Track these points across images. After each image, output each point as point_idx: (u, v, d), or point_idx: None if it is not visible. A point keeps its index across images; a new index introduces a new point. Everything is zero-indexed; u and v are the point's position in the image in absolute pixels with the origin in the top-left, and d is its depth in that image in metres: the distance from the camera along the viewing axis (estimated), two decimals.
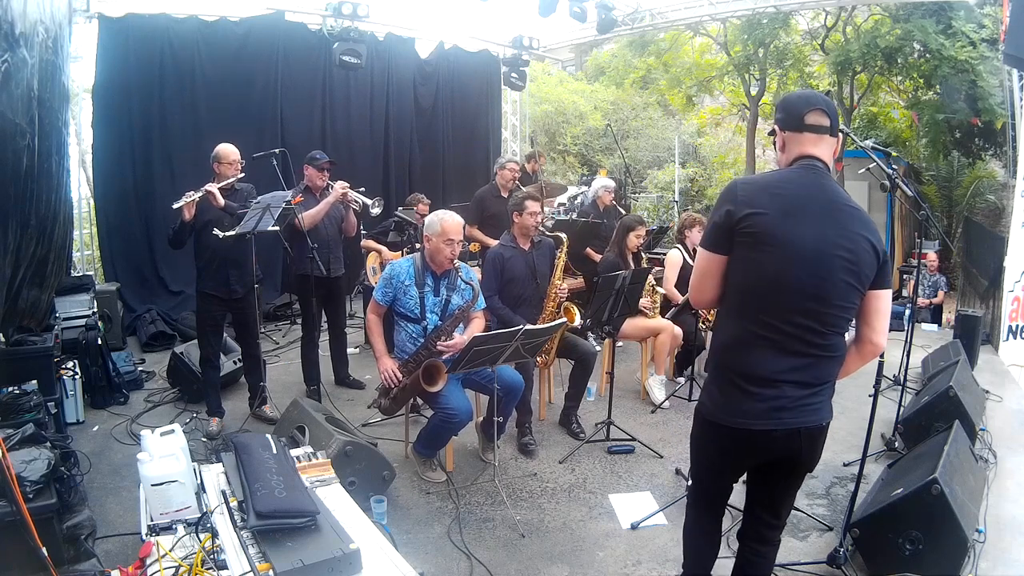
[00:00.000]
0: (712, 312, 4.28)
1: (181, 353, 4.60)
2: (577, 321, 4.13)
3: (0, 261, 3.53)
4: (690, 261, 4.74)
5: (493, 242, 4.63)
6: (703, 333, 4.75)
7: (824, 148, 1.89)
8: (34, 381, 3.21)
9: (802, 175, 1.86)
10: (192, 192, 3.72)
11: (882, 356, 2.90)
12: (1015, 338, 5.46)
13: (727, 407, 1.90)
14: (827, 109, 1.89)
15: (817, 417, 1.88)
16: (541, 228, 4.10)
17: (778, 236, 1.79)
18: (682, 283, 4.77)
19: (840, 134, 2.01)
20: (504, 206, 4.66)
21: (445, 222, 3.36)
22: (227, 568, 1.67)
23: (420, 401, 3.67)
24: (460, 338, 3.38)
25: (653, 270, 4.78)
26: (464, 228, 3.55)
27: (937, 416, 3.61)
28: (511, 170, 5.49)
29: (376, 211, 4.71)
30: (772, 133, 2.02)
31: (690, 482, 2.24)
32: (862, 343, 1.94)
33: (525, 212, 3.94)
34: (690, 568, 2.22)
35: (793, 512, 3.17)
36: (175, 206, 3.68)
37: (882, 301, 1.89)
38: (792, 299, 1.80)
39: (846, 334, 1.91)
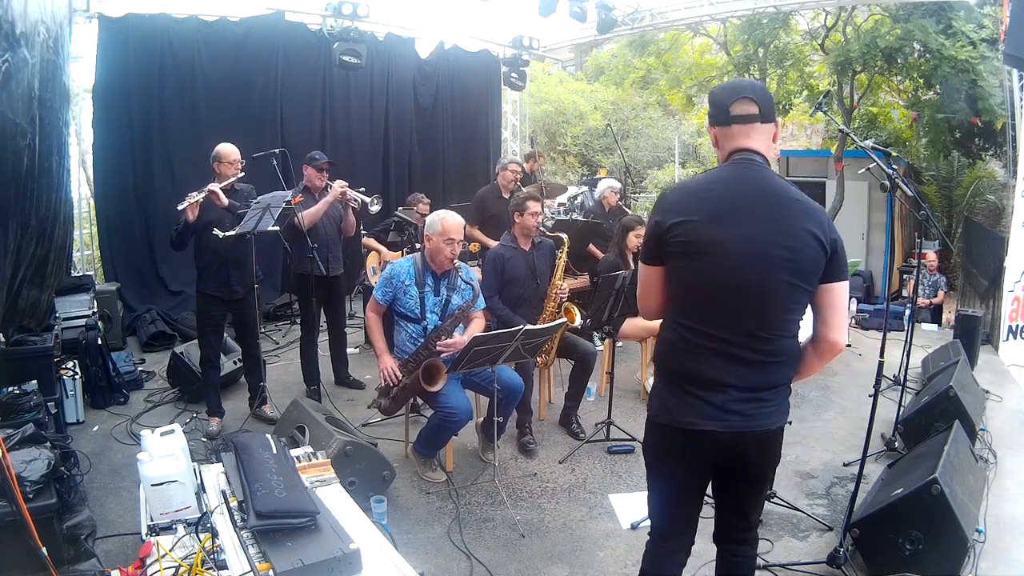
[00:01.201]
0: None
1: (181, 353, 4.60)
2: (577, 321, 4.13)
3: (1, 261, 3.53)
4: None
5: (493, 243, 4.64)
6: None
7: (758, 138, 1.79)
8: (34, 381, 3.21)
9: (733, 172, 1.78)
10: (195, 193, 3.71)
11: (882, 356, 2.93)
12: (1015, 338, 5.46)
13: (674, 408, 1.83)
14: (755, 96, 1.79)
15: (767, 422, 1.80)
16: (542, 228, 4.11)
17: (708, 242, 1.72)
18: None
19: (840, 132, 1.97)
20: (505, 207, 4.66)
21: (446, 222, 3.36)
22: (227, 568, 1.67)
23: (420, 401, 3.67)
24: (460, 338, 3.39)
25: None
26: (464, 228, 3.55)
27: (937, 416, 3.61)
28: (513, 171, 5.49)
29: (375, 209, 4.72)
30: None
31: (647, 513, 2.06)
32: (818, 341, 1.83)
33: (526, 212, 3.94)
34: None
35: (793, 512, 3.17)
36: (180, 207, 3.68)
37: (836, 295, 1.78)
38: (729, 305, 1.74)
39: (798, 335, 1.83)
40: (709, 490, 2.01)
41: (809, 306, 1.82)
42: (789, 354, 1.81)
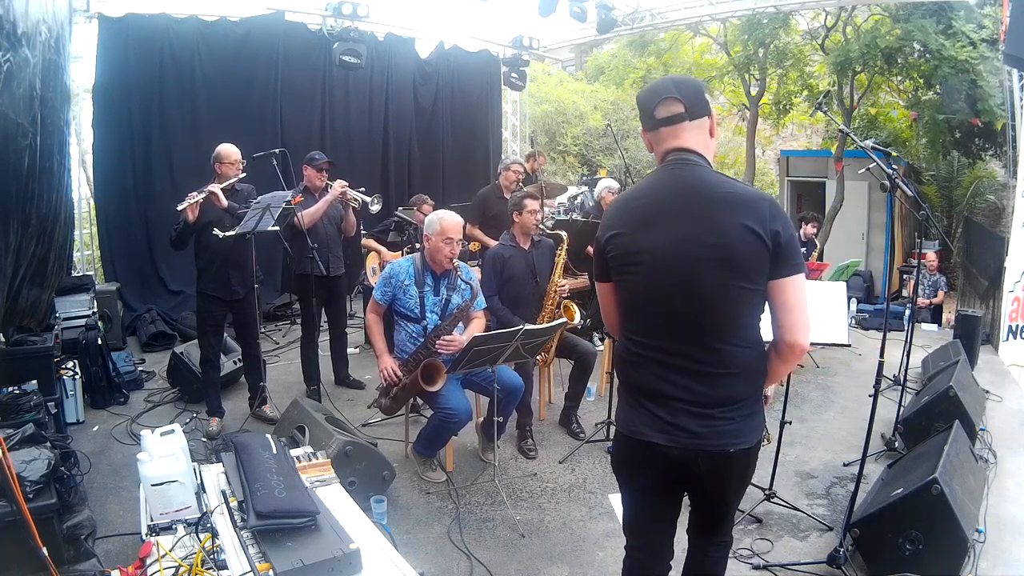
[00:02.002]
0: None
1: (181, 353, 4.60)
2: (577, 319, 4.13)
3: (2, 260, 3.53)
4: None
5: (493, 242, 4.64)
6: None
7: (690, 135, 1.71)
8: (34, 381, 3.21)
9: (662, 177, 1.73)
10: (195, 193, 3.71)
11: (882, 356, 2.93)
12: (1015, 338, 5.46)
13: (630, 418, 1.78)
14: (679, 94, 1.70)
15: (720, 442, 1.66)
16: (541, 227, 4.11)
17: (635, 252, 1.69)
18: None
19: (840, 132, 1.95)
20: (506, 207, 4.66)
21: (444, 221, 3.36)
22: (227, 568, 1.66)
23: (420, 401, 3.67)
24: (459, 337, 3.38)
25: None
26: (465, 227, 3.55)
27: (937, 416, 3.61)
28: (515, 171, 5.49)
29: (375, 208, 4.72)
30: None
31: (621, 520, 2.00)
32: (777, 344, 1.70)
33: (525, 211, 3.95)
34: None
35: (793, 512, 3.18)
36: (179, 207, 3.68)
37: (786, 293, 1.63)
38: (664, 315, 1.67)
39: (758, 344, 1.71)
40: None
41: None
42: (744, 366, 1.67)
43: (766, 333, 1.74)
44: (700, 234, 1.62)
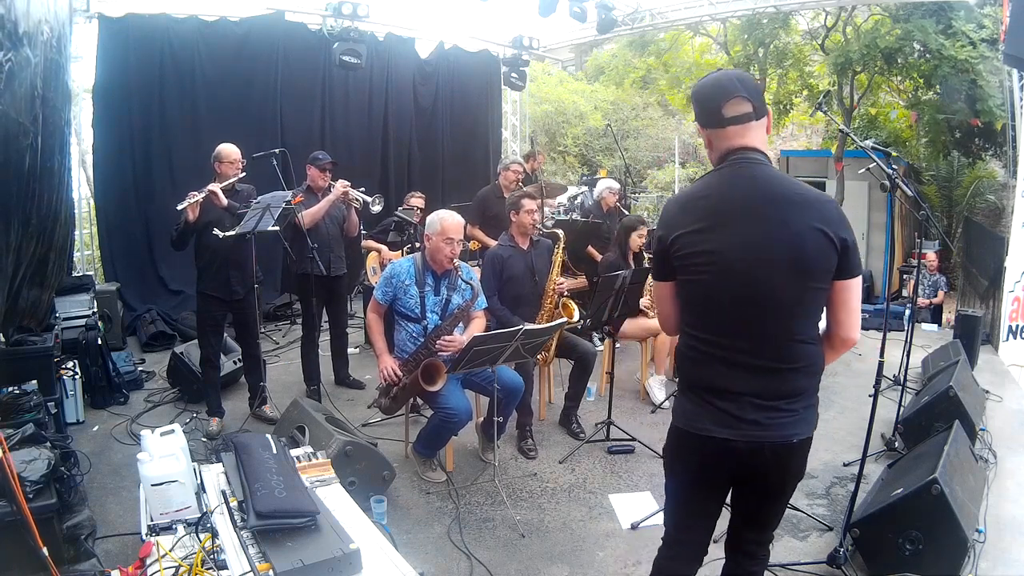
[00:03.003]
0: None
1: (181, 353, 4.60)
2: (576, 318, 4.13)
3: (2, 259, 3.53)
4: None
5: (493, 242, 4.64)
6: None
7: (754, 135, 1.72)
8: (34, 381, 3.21)
9: (729, 176, 1.72)
10: (195, 193, 3.72)
11: (882, 356, 2.93)
12: (1015, 338, 5.46)
13: (692, 414, 1.79)
14: (746, 92, 1.71)
15: (785, 433, 1.71)
16: (539, 227, 4.11)
17: (706, 252, 1.68)
18: None
19: (840, 132, 1.96)
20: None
21: (445, 221, 3.36)
22: (227, 568, 1.67)
23: (420, 401, 3.67)
24: (459, 336, 3.38)
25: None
26: (466, 227, 3.55)
27: (937, 416, 3.61)
28: (515, 171, 5.50)
29: (377, 208, 4.73)
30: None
31: (663, 514, 2.03)
32: (831, 338, 1.77)
33: (522, 211, 3.95)
34: None
35: (793, 512, 3.17)
36: (179, 207, 3.68)
37: (848, 292, 1.70)
38: (736, 314, 1.68)
39: (817, 340, 1.75)
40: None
41: None
42: (807, 360, 1.72)
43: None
44: (773, 234, 1.64)
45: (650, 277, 1.95)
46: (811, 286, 1.66)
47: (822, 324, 1.80)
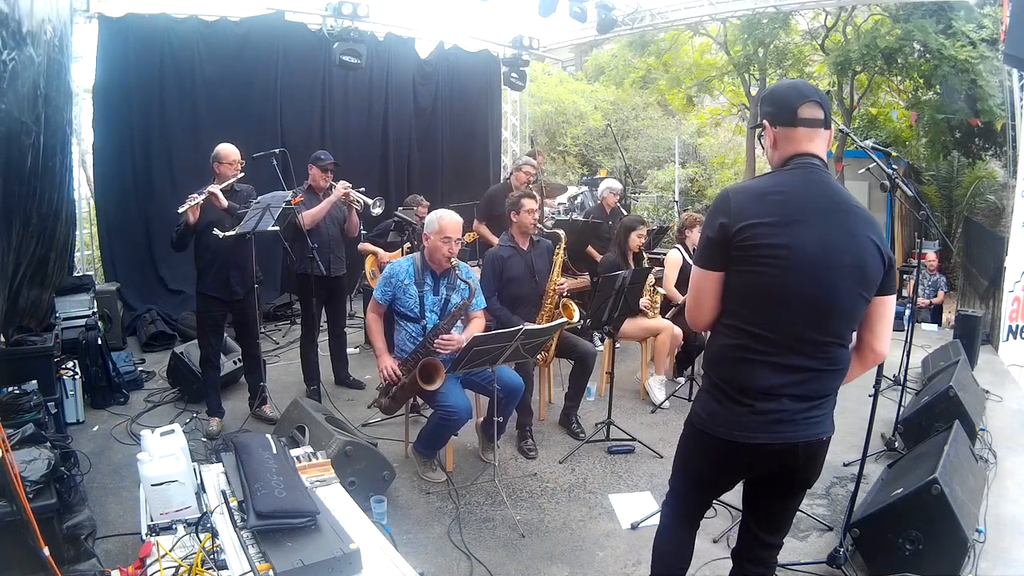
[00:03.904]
0: None
1: (181, 353, 4.60)
2: (576, 318, 4.13)
3: (3, 259, 3.53)
4: (690, 261, 4.74)
5: (497, 240, 4.64)
6: (703, 333, 4.75)
7: (819, 143, 1.76)
8: (34, 381, 3.21)
9: (801, 176, 1.73)
10: (195, 195, 3.71)
11: None
12: (1015, 338, 5.46)
13: (722, 418, 1.78)
14: (820, 101, 1.76)
15: (818, 431, 1.77)
16: (540, 227, 4.11)
17: (779, 246, 1.67)
18: (682, 283, 4.77)
19: (840, 132, 1.97)
20: None
21: (443, 220, 3.36)
22: (227, 568, 1.67)
23: (420, 401, 3.67)
24: (457, 336, 3.38)
25: (653, 270, 4.78)
26: (473, 223, 3.54)
27: (937, 416, 3.61)
28: (527, 172, 5.51)
29: (377, 211, 4.73)
30: (757, 127, 1.87)
31: (668, 494, 2.08)
32: (864, 350, 1.83)
33: (522, 211, 3.95)
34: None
35: None
36: (179, 210, 3.67)
37: (887, 307, 1.79)
38: (796, 311, 1.69)
39: (847, 344, 1.81)
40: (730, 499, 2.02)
41: None
42: (844, 363, 1.79)
43: None
44: (843, 240, 1.69)
45: (695, 266, 1.88)
46: (863, 295, 1.73)
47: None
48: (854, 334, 1.83)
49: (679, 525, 2.07)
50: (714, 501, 2.07)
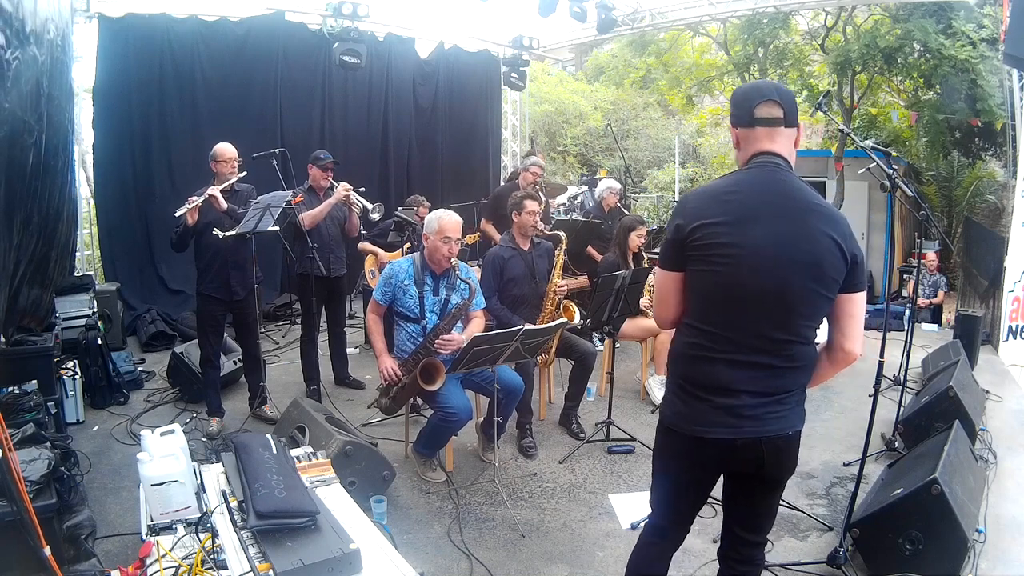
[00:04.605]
0: None
1: (181, 353, 4.60)
2: (577, 319, 4.13)
3: (4, 258, 3.52)
4: None
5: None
6: None
7: (782, 142, 1.77)
8: (34, 381, 3.21)
9: (757, 175, 1.76)
10: (194, 197, 3.72)
11: (882, 356, 2.93)
12: (1015, 338, 5.46)
13: (686, 415, 1.81)
14: (780, 99, 1.76)
15: (781, 426, 1.77)
16: (541, 229, 4.11)
17: (731, 245, 1.70)
18: None
19: (840, 132, 1.96)
20: None
21: (442, 220, 3.36)
22: (227, 568, 1.67)
23: (420, 401, 3.67)
24: (458, 336, 3.38)
25: (653, 270, 4.78)
26: (480, 221, 3.53)
27: (937, 416, 3.61)
28: (534, 173, 5.52)
29: (376, 216, 4.75)
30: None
31: (650, 508, 2.05)
32: (834, 350, 1.82)
33: (524, 212, 3.95)
34: None
35: (793, 512, 3.17)
36: (178, 213, 3.67)
37: (855, 305, 1.77)
38: (750, 309, 1.71)
39: (815, 342, 1.80)
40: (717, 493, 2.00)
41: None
42: (806, 360, 1.79)
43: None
44: (797, 238, 1.69)
45: (657, 267, 1.91)
46: (821, 293, 1.72)
47: (823, 336, 1.84)
48: (823, 332, 1.82)
49: (654, 543, 2.02)
50: (714, 501, 2.04)
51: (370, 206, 4.60)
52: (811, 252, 1.69)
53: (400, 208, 5.56)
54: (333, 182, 4.40)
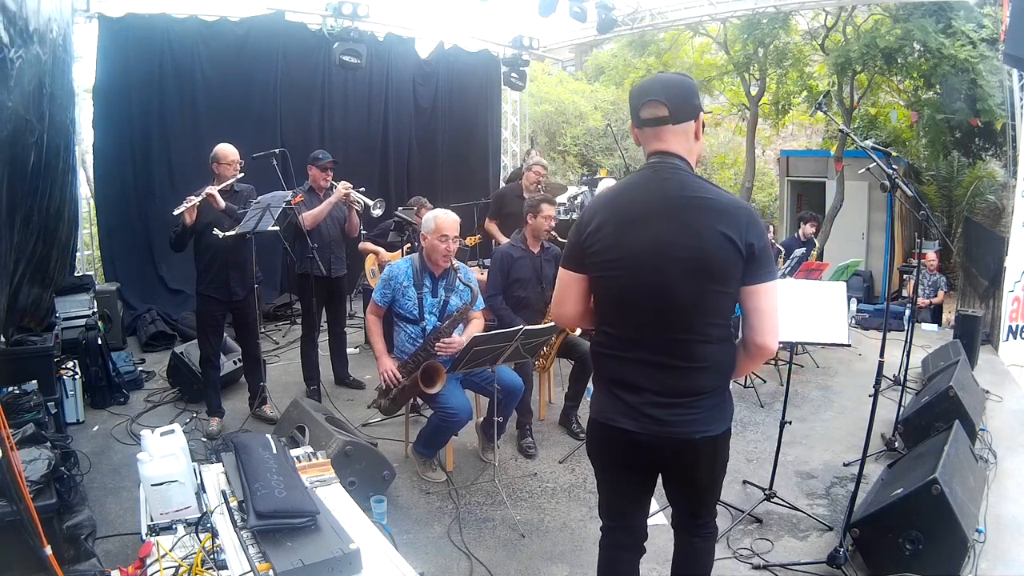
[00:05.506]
0: None
1: (181, 353, 4.60)
2: None
3: (5, 257, 3.52)
4: None
5: (506, 239, 4.64)
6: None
7: (673, 139, 1.74)
8: (34, 381, 3.21)
9: (642, 177, 1.77)
10: (193, 196, 3.71)
11: (882, 356, 2.93)
12: (1015, 338, 5.46)
13: (601, 406, 1.87)
14: (664, 98, 1.72)
15: (687, 430, 1.74)
16: (555, 234, 4.11)
17: (615, 248, 1.72)
18: None
19: (840, 132, 1.96)
20: (523, 206, 4.67)
21: (439, 219, 3.36)
22: (227, 568, 1.67)
23: (420, 401, 3.67)
24: (458, 338, 3.38)
25: None
26: (485, 221, 3.52)
27: (937, 416, 3.61)
28: (537, 172, 5.53)
29: (378, 212, 4.73)
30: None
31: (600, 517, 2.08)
32: (746, 344, 1.79)
33: (540, 215, 3.96)
34: None
35: (793, 512, 3.18)
36: (176, 212, 3.67)
37: (759, 299, 1.71)
38: (643, 312, 1.73)
39: (726, 339, 1.77)
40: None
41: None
42: (713, 360, 1.75)
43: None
44: (676, 238, 1.68)
45: (560, 264, 1.95)
46: (713, 289, 1.69)
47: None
48: (728, 327, 1.79)
49: (611, 538, 2.05)
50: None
51: (371, 202, 4.60)
52: (695, 248, 1.66)
53: (400, 208, 5.56)
54: (333, 182, 4.40)
